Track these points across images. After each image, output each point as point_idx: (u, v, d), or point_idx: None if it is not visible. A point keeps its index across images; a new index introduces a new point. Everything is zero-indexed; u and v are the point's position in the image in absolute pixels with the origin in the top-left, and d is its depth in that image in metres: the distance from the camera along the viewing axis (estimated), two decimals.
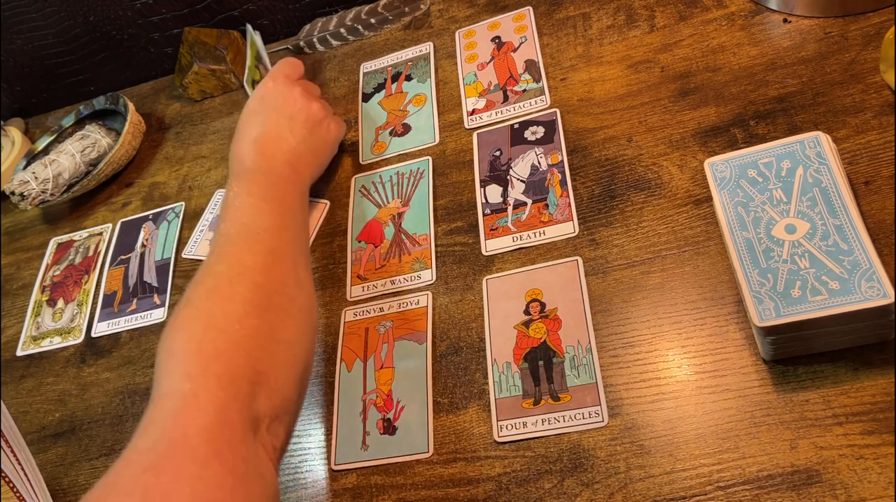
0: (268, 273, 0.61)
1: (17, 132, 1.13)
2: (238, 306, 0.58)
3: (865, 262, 0.53)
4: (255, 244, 0.63)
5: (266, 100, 0.79)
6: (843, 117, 0.67)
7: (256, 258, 0.62)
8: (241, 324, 0.56)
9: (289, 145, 0.76)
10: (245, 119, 0.78)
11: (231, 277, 0.60)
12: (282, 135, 0.77)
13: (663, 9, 0.82)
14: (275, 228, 0.66)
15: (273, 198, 0.69)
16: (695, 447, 0.57)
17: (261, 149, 0.74)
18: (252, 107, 0.79)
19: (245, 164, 0.73)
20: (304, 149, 0.78)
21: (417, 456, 0.65)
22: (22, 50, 1.12)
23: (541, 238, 0.72)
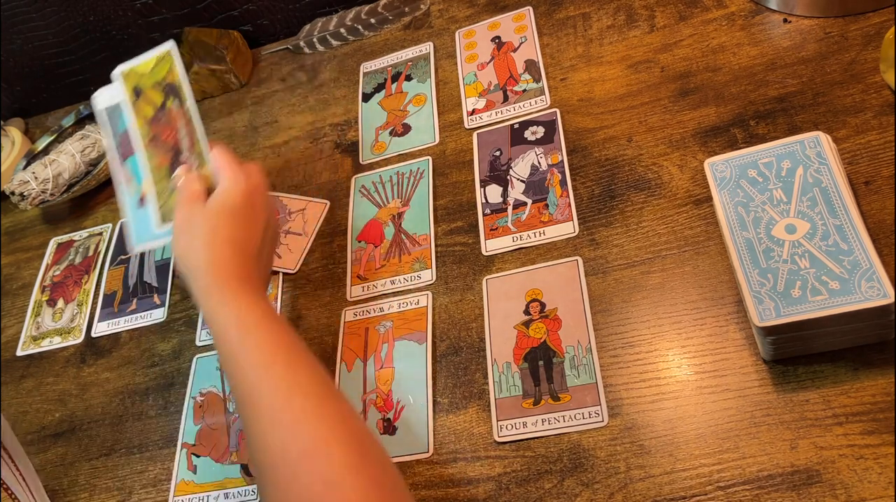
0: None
1: (17, 132, 1.13)
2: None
3: (865, 262, 0.53)
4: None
5: (255, 205, 0.69)
6: (843, 117, 0.67)
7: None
8: None
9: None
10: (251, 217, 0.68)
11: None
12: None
13: (663, 9, 0.82)
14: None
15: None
16: (695, 447, 0.57)
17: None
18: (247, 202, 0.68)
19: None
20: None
21: (417, 456, 0.65)
22: (22, 50, 1.12)
23: (541, 238, 0.72)
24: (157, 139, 0.70)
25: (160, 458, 0.74)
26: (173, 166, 0.70)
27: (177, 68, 0.70)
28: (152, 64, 0.70)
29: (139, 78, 0.71)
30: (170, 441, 0.75)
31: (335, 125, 0.93)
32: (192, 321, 0.83)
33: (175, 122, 0.69)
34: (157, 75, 0.70)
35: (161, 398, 0.79)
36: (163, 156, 0.70)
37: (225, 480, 0.70)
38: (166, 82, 0.70)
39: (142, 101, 0.70)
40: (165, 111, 0.70)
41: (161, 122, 0.70)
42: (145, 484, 0.73)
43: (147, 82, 0.70)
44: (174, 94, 0.70)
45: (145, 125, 0.70)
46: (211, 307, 0.62)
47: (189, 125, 0.69)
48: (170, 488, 0.72)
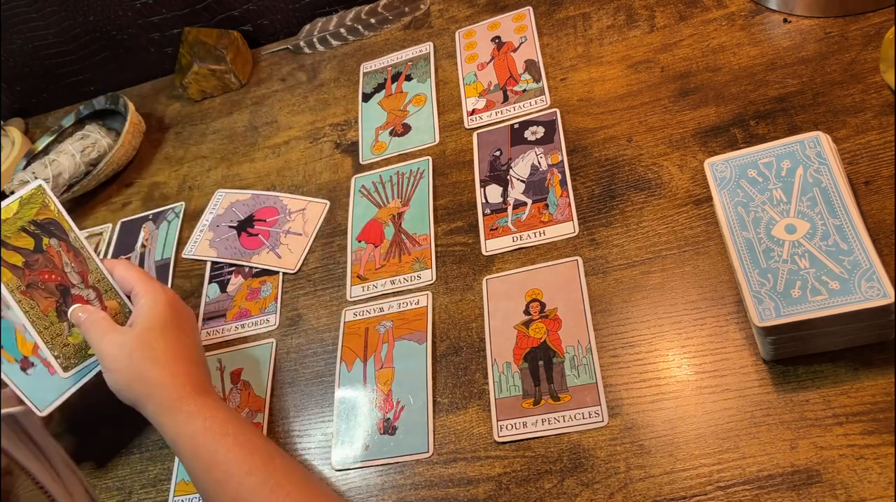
0: None
1: (17, 132, 1.13)
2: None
3: (865, 262, 0.53)
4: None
5: (180, 312, 0.69)
6: (843, 117, 0.67)
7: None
8: None
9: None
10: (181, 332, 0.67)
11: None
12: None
13: (663, 9, 0.82)
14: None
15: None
16: (695, 447, 0.57)
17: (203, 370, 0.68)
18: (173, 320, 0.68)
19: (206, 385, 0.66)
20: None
21: (417, 456, 0.65)
22: (22, 50, 1.12)
23: (541, 238, 0.72)
24: (35, 285, 0.66)
25: (160, 458, 0.74)
26: (61, 307, 0.67)
27: (52, 203, 0.68)
28: (15, 208, 0.67)
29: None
30: None
31: (335, 125, 0.93)
32: None
33: (57, 260, 0.67)
34: (24, 217, 0.67)
35: None
36: (45, 301, 0.66)
37: None
38: (39, 221, 0.67)
39: (4, 252, 0.65)
40: (42, 252, 0.67)
41: (37, 265, 0.66)
42: (145, 484, 0.73)
43: (9, 229, 0.66)
44: (51, 232, 0.67)
45: (14, 277, 0.65)
46: (178, 424, 0.61)
47: (78, 257, 0.68)
48: (170, 488, 0.72)
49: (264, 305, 0.81)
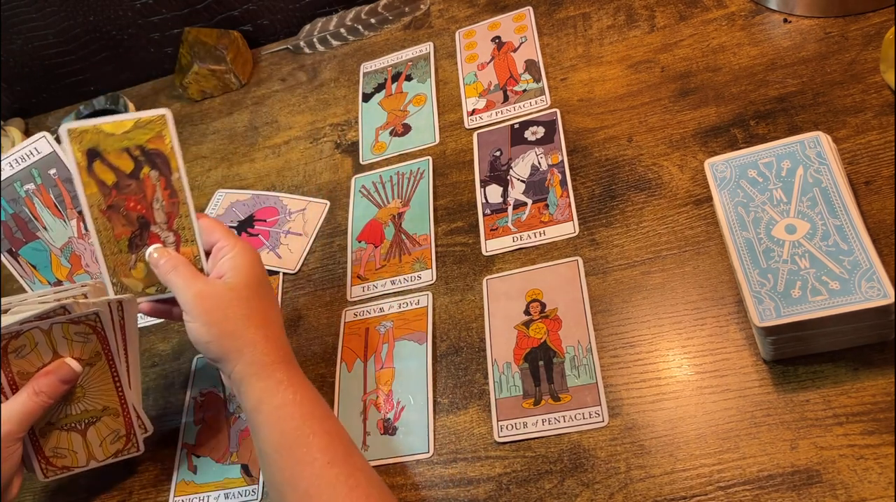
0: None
1: (17, 132, 1.13)
2: None
3: (865, 262, 0.53)
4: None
5: (266, 275, 0.67)
6: (843, 117, 0.67)
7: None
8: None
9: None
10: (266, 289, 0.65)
11: None
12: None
13: (663, 9, 0.82)
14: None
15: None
16: (695, 447, 0.57)
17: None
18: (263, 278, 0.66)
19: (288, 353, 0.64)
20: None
21: (417, 456, 0.65)
22: (22, 50, 1.12)
23: (541, 238, 0.72)
24: (118, 208, 0.64)
25: (160, 458, 0.74)
26: (135, 240, 0.65)
27: (169, 136, 0.65)
28: (128, 126, 0.63)
29: (101, 139, 0.63)
30: (170, 441, 0.75)
31: (335, 125, 0.93)
32: None
33: (149, 193, 0.64)
34: (134, 139, 0.64)
35: (161, 398, 0.79)
36: (122, 228, 0.64)
37: (225, 480, 0.70)
38: (147, 149, 0.64)
39: (99, 165, 0.63)
40: (138, 180, 0.64)
41: (127, 190, 0.64)
42: (145, 484, 0.73)
43: (112, 145, 0.63)
44: (155, 163, 0.64)
45: (98, 192, 0.63)
46: (265, 389, 0.59)
47: (174, 199, 0.65)
48: (170, 488, 0.72)
49: None
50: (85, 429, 0.65)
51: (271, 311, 0.63)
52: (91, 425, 0.66)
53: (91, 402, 0.65)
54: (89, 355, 0.63)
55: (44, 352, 0.61)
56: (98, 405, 0.65)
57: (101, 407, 0.66)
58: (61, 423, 0.64)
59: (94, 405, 0.65)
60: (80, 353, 0.63)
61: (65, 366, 0.62)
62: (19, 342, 0.60)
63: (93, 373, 0.64)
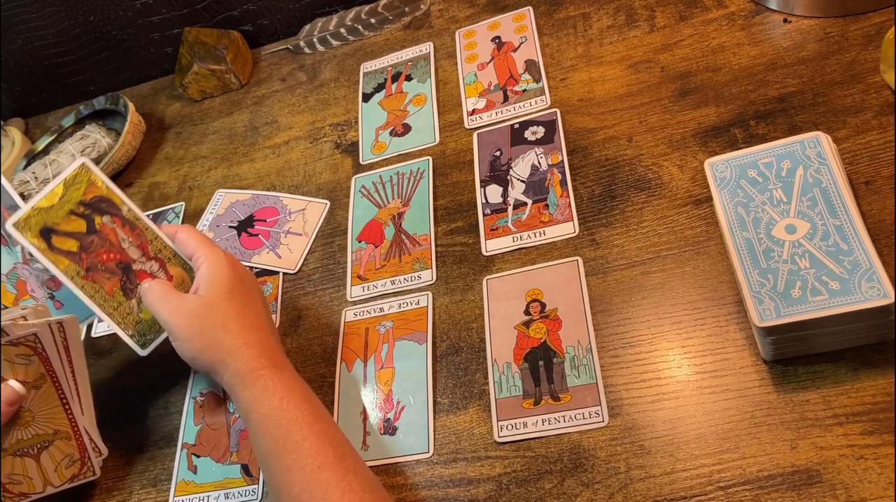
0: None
1: (17, 132, 1.13)
2: None
3: (865, 262, 0.53)
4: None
5: (243, 277, 0.67)
6: (843, 117, 0.67)
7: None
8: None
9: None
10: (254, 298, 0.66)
11: None
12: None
13: (663, 9, 0.82)
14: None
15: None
16: (695, 447, 0.57)
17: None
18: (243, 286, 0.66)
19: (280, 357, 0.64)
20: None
21: (417, 457, 0.65)
22: (22, 50, 1.12)
23: (541, 238, 0.72)
24: (95, 267, 0.64)
25: (160, 458, 0.74)
26: (126, 285, 0.65)
27: (98, 179, 0.65)
28: (60, 191, 0.64)
29: (44, 216, 0.63)
30: (170, 441, 0.75)
31: (335, 125, 0.93)
32: None
33: (113, 238, 0.65)
34: (71, 200, 0.64)
35: (161, 398, 0.79)
36: (109, 282, 0.65)
37: (225, 480, 0.70)
38: (87, 201, 0.64)
39: (57, 240, 0.63)
40: (96, 233, 0.64)
41: (93, 247, 0.64)
42: (145, 484, 0.73)
43: (57, 216, 0.63)
44: (102, 209, 0.65)
45: (71, 264, 0.63)
46: (252, 397, 0.60)
47: (135, 230, 0.66)
48: (170, 488, 0.72)
49: None
50: (38, 454, 0.64)
51: (250, 316, 0.63)
52: (44, 449, 0.64)
53: (41, 426, 0.63)
54: (34, 377, 0.62)
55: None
56: (49, 429, 0.64)
57: (52, 430, 0.64)
58: (13, 449, 0.63)
59: (44, 429, 0.64)
60: (24, 376, 0.61)
61: (7, 388, 0.60)
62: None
63: (39, 396, 0.63)
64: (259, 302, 0.66)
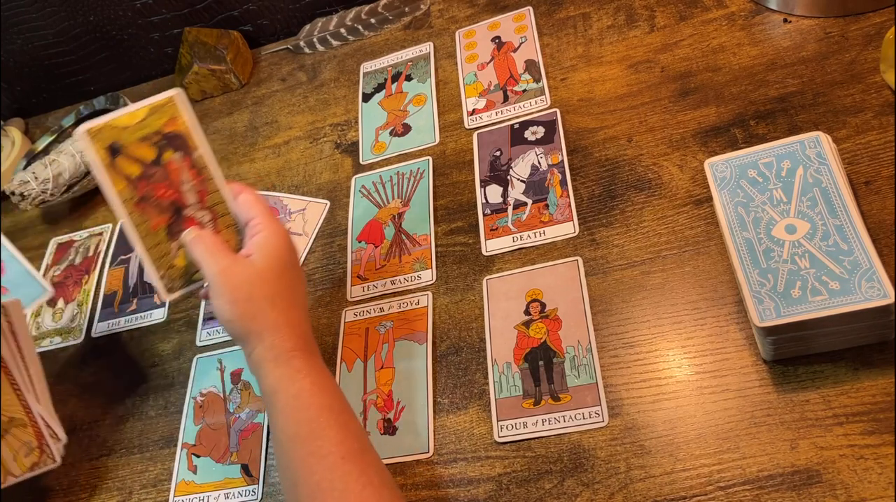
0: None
1: (17, 132, 1.13)
2: None
3: (865, 262, 0.53)
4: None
5: (297, 260, 0.65)
6: (843, 117, 0.67)
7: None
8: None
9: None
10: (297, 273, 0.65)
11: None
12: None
13: (663, 9, 0.82)
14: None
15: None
16: (695, 447, 0.57)
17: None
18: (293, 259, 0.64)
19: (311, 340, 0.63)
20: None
21: (418, 457, 0.65)
22: (22, 50, 1.12)
23: (541, 238, 0.72)
24: (149, 199, 0.62)
25: (160, 458, 0.74)
26: (173, 226, 0.63)
27: (183, 116, 0.64)
28: (142, 115, 0.63)
29: (118, 133, 0.61)
30: (170, 441, 0.75)
31: (335, 125, 0.93)
32: (193, 321, 0.83)
33: (175, 177, 0.63)
34: (150, 126, 0.62)
35: (161, 398, 0.79)
36: (157, 217, 0.63)
37: (225, 480, 0.70)
38: (165, 132, 0.63)
39: (122, 160, 0.61)
40: (161, 166, 0.63)
41: (154, 178, 0.62)
42: (145, 484, 0.73)
43: (131, 137, 0.62)
44: (176, 145, 0.63)
45: (127, 187, 0.61)
46: (282, 376, 0.58)
47: (201, 176, 0.64)
48: (170, 488, 0.72)
49: None
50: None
51: (297, 297, 0.62)
52: (0, 439, 0.62)
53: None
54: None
55: None
56: (3, 417, 0.62)
57: (7, 418, 0.62)
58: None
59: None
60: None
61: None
62: None
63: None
64: (304, 286, 0.65)
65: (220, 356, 0.79)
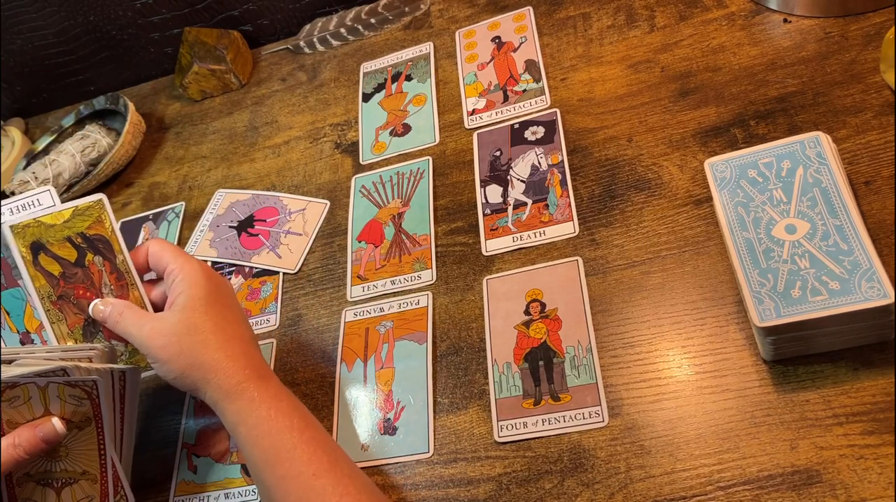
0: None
1: (17, 132, 1.13)
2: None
3: (865, 262, 0.53)
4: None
5: (219, 286, 0.65)
6: (843, 117, 0.67)
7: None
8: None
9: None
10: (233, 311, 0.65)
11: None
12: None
13: (663, 9, 0.82)
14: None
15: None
16: (695, 447, 0.57)
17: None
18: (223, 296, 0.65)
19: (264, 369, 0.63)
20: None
21: (417, 457, 0.65)
22: (22, 50, 1.12)
23: (541, 238, 0.72)
24: (67, 298, 0.64)
25: (160, 458, 0.74)
26: (87, 328, 0.64)
27: (108, 220, 0.65)
28: (67, 215, 0.64)
29: (42, 231, 0.63)
30: (170, 441, 0.75)
31: (335, 125, 0.93)
32: None
33: (96, 279, 0.64)
34: (74, 227, 0.64)
35: (161, 398, 0.79)
36: (75, 317, 0.64)
37: (225, 480, 0.70)
38: (89, 235, 0.64)
39: (44, 258, 0.63)
40: (83, 267, 0.64)
41: (74, 279, 0.64)
42: (145, 484, 0.73)
43: (54, 235, 0.64)
44: (98, 249, 0.64)
45: (47, 284, 0.63)
46: (239, 411, 0.59)
47: (120, 281, 0.65)
48: (170, 488, 0.72)
49: (264, 305, 0.81)
50: (60, 488, 0.63)
51: (230, 327, 0.62)
52: (67, 485, 0.63)
53: (72, 464, 0.63)
54: (80, 418, 0.61)
55: (35, 406, 0.59)
56: (78, 468, 0.63)
57: (81, 470, 0.63)
58: (39, 477, 0.62)
59: (74, 467, 0.63)
60: (71, 415, 0.61)
61: (49, 426, 0.59)
62: (14, 392, 0.58)
63: (80, 436, 0.62)
64: (237, 311, 0.65)
65: None
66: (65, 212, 0.64)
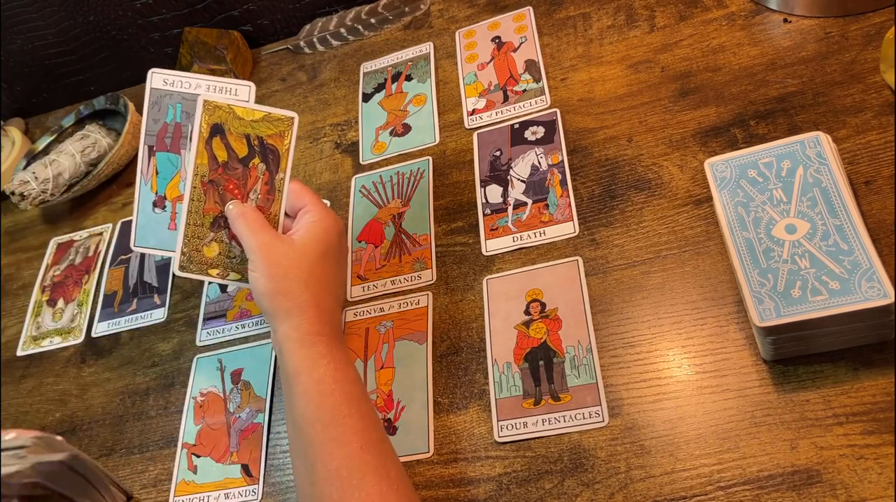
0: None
1: (17, 132, 1.13)
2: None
3: (865, 262, 0.53)
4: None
5: (342, 246, 0.67)
6: (843, 117, 0.67)
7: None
8: None
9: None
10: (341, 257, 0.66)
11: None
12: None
13: (663, 9, 0.82)
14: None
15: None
16: (695, 447, 0.57)
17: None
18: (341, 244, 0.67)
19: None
20: None
21: (418, 456, 0.65)
22: (22, 50, 1.12)
23: (541, 238, 0.72)
24: (216, 185, 0.65)
25: (160, 458, 0.74)
26: (219, 220, 0.66)
27: (290, 138, 0.67)
28: (258, 116, 0.66)
29: (229, 118, 0.65)
30: (170, 441, 0.75)
31: (335, 125, 0.93)
32: (193, 321, 0.83)
33: (251, 183, 0.66)
34: (258, 129, 0.66)
35: (161, 398, 0.79)
36: (213, 204, 0.65)
37: (225, 480, 0.70)
38: (266, 142, 0.66)
39: (217, 142, 0.65)
40: (245, 166, 0.65)
41: (233, 172, 0.65)
42: (145, 484, 0.73)
43: (237, 128, 0.65)
44: (266, 157, 0.66)
45: (205, 165, 0.65)
46: (306, 358, 0.58)
47: (269, 195, 0.66)
48: (170, 488, 0.72)
49: None
50: None
51: (331, 283, 0.63)
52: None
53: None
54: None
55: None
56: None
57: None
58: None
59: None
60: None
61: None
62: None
63: None
64: (343, 274, 0.66)
65: (220, 356, 0.79)
66: (257, 113, 0.66)
